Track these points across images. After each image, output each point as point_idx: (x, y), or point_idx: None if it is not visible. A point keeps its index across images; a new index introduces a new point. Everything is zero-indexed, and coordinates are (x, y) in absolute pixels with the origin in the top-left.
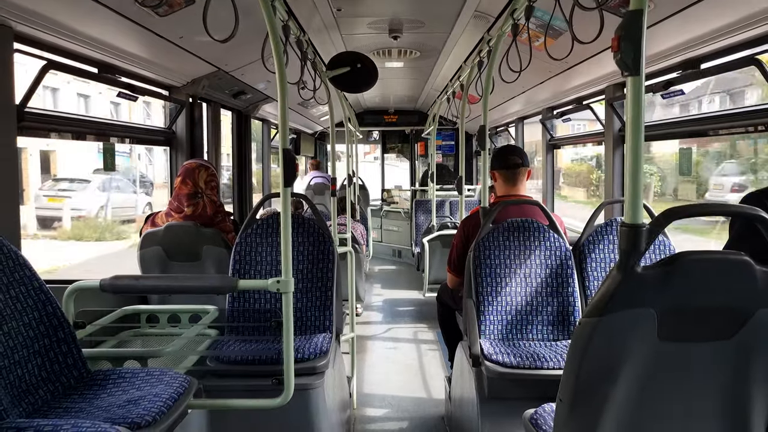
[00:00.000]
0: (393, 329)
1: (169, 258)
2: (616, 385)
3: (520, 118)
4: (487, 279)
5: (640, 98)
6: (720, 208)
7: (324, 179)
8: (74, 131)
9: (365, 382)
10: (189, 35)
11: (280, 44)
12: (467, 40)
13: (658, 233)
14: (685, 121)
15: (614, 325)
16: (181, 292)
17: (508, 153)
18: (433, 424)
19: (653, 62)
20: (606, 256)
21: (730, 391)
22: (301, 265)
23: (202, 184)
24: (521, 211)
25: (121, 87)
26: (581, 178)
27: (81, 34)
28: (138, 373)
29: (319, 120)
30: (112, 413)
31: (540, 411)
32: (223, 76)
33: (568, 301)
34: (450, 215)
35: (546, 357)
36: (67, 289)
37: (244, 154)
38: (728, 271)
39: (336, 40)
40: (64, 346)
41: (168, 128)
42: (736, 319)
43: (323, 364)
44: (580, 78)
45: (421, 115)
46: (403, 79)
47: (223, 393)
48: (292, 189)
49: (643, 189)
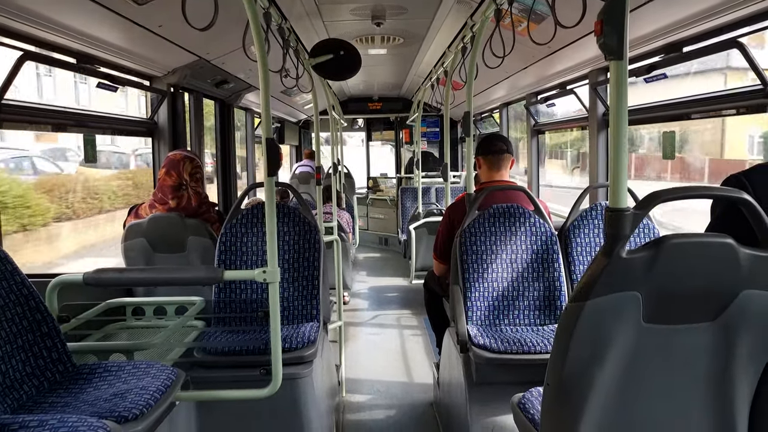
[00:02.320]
0: (380, 316)
1: (154, 250)
2: (603, 368)
3: (504, 103)
4: (474, 265)
5: (623, 82)
6: (704, 190)
7: (309, 168)
8: (53, 123)
9: (354, 369)
10: (168, 24)
11: (261, 32)
12: (450, 26)
13: (642, 217)
14: (669, 105)
15: (600, 309)
16: (166, 284)
17: (493, 139)
18: (422, 410)
19: (636, 46)
20: (591, 240)
21: (715, 373)
22: (287, 254)
23: (187, 177)
24: (506, 196)
25: (101, 77)
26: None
27: (58, 24)
28: (124, 366)
29: (303, 108)
30: (99, 407)
31: (528, 395)
32: (204, 65)
33: (554, 286)
34: (436, 202)
35: (533, 342)
36: (50, 284)
37: (227, 144)
38: (712, 253)
39: (318, 27)
40: (48, 340)
41: (150, 119)
42: (720, 301)
43: (311, 353)
44: (564, 63)
45: (405, 102)
46: (387, 66)
47: (211, 384)
48: (276, 178)
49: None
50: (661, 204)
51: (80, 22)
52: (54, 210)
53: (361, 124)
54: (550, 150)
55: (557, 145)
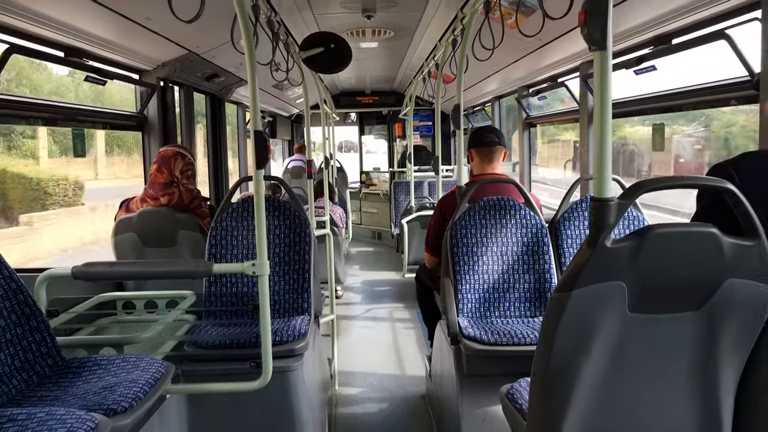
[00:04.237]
0: (373, 310)
1: (144, 244)
2: (588, 358)
3: (496, 96)
4: (464, 258)
5: (607, 73)
6: (689, 180)
7: (301, 162)
8: (43, 117)
9: (346, 362)
10: (156, 16)
11: (249, 25)
12: (441, 19)
13: (627, 207)
14: (657, 97)
15: (585, 299)
16: (155, 278)
17: (485, 131)
18: (414, 403)
19: (625, 38)
20: (581, 233)
21: (700, 362)
22: (277, 248)
23: (178, 174)
24: (497, 189)
25: (89, 71)
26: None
27: (45, 16)
28: (114, 360)
29: (295, 102)
30: (88, 400)
31: (516, 386)
32: (194, 58)
33: (544, 278)
34: (429, 196)
35: (523, 334)
36: (38, 278)
37: (218, 138)
38: (696, 243)
39: (308, 20)
40: (37, 334)
41: (139, 113)
42: (704, 290)
43: (302, 346)
44: (555, 55)
45: (398, 95)
46: (379, 60)
47: (202, 378)
48: (265, 171)
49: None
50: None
51: (67, 14)
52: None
53: (353, 118)
54: (549, 142)
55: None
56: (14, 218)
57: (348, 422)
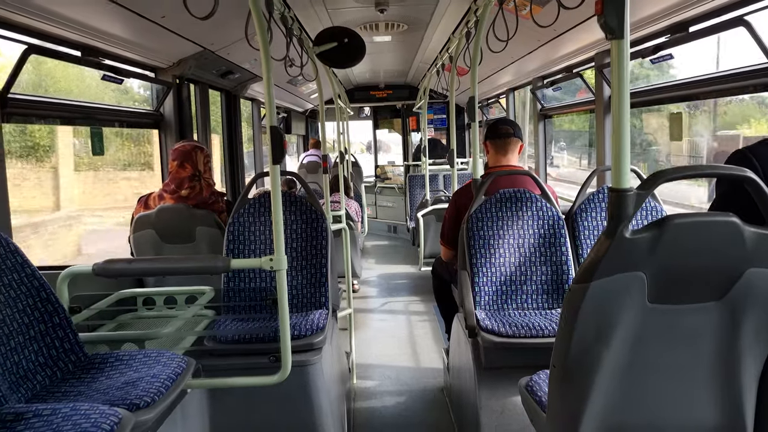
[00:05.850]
0: (390, 303)
1: (163, 241)
2: (608, 349)
3: (510, 88)
4: (481, 250)
5: (624, 62)
6: (707, 169)
7: (316, 157)
8: (60, 116)
9: (364, 356)
10: (171, 14)
11: (263, 20)
12: (454, 11)
13: (645, 197)
14: (675, 86)
15: (604, 290)
16: (173, 274)
17: (500, 123)
18: (432, 396)
19: (641, 27)
20: (599, 224)
21: (722, 352)
22: (294, 243)
23: (201, 167)
24: (513, 181)
25: (106, 70)
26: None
27: (62, 16)
28: (135, 356)
29: (309, 98)
30: (111, 395)
31: (535, 378)
32: (209, 55)
33: (561, 270)
34: (444, 189)
35: (541, 326)
36: (60, 275)
37: (234, 134)
38: (716, 232)
39: (322, 15)
40: (60, 331)
41: (156, 110)
42: (726, 280)
43: (320, 340)
44: (570, 46)
45: (411, 89)
46: (392, 54)
47: (222, 372)
48: (281, 166)
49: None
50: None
51: (84, 14)
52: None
53: (367, 113)
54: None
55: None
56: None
57: (366, 415)
